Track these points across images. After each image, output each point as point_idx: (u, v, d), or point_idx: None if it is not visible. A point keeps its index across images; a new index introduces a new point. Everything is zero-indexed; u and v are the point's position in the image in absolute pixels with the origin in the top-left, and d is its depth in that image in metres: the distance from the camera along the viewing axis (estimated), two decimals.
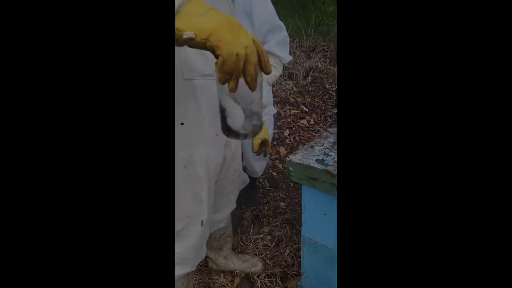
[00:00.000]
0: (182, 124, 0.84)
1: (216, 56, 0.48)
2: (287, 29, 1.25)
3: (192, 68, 0.81)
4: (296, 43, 3.53)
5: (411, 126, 0.41)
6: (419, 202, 0.41)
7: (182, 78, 0.80)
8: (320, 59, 3.37)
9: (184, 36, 0.47)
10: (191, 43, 0.48)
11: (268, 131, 1.21)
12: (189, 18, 0.47)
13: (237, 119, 0.57)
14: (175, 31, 0.47)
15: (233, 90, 0.49)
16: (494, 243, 0.39)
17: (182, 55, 0.78)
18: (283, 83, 3.05)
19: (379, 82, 0.42)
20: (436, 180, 0.41)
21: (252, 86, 0.50)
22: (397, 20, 0.41)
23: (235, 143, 1.06)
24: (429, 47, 0.40)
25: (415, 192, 0.41)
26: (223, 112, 0.57)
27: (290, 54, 1.24)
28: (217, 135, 0.93)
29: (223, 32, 0.47)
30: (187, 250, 0.97)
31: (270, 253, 1.49)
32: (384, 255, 0.42)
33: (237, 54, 0.47)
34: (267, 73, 0.53)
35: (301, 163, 0.92)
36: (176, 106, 0.81)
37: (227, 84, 0.49)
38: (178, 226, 0.93)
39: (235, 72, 0.48)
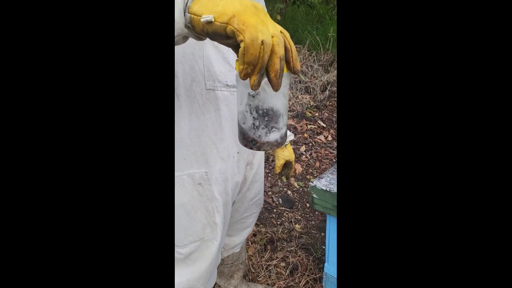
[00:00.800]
0: None
1: (238, 44, 0.40)
2: (305, 43, 1.17)
3: (216, 77, 0.73)
4: (314, 56, 3.46)
5: (412, 128, 0.39)
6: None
7: (205, 88, 0.72)
8: None
9: (202, 20, 0.40)
10: (209, 29, 0.41)
11: (293, 152, 1.11)
12: (208, 1, 0.41)
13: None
14: (193, 16, 0.42)
15: (255, 87, 0.41)
16: (493, 241, 0.37)
17: (206, 63, 0.71)
18: (300, 97, 2.95)
19: (379, 83, 0.40)
20: (437, 187, 0.38)
21: (275, 84, 0.42)
22: (397, 20, 0.39)
23: (258, 163, 0.96)
24: (429, 48, 0.39)
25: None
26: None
27: (308, 68, 1.15)
28: (238, 152, 0.83)
29: (247, 15, 0.39)
30: (196, 277, 0.85)
31: (284, 282, 1.36)
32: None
33: (262, 42, 0.38)
34: (295, 72, 0.45)
35: (328, 190, 0.81)
36: (196, 118, 0.73)
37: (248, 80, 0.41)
38: (187, 249, 0.83)
39: (259, 64, 0.40)
